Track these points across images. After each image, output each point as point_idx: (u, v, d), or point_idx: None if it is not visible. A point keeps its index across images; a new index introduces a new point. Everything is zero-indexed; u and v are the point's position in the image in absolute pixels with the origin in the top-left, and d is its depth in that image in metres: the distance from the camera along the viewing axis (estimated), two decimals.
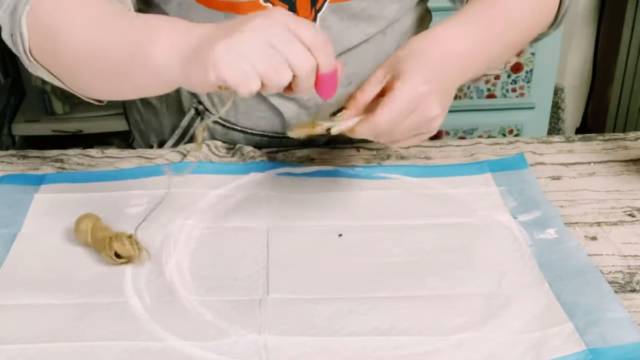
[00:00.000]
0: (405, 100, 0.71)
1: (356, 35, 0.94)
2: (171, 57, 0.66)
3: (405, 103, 0.71)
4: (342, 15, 0.91)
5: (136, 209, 0.84)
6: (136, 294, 0.71)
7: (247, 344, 0.65)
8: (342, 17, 0.91)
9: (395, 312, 0.68)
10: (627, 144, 0.98)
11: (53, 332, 0.67)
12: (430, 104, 0.72)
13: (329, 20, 0.90)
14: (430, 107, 0.72)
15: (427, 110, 0.72)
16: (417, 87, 0.71)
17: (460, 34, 0.78)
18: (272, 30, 0.63)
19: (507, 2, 0.85)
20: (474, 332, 0.66)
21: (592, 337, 0.65)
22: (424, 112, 0.72)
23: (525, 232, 0.80)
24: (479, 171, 0.90)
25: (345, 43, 0.93)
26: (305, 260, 0.76)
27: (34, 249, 0.78)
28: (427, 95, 0.71)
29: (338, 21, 0.91)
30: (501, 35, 0.83)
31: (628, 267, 0.75)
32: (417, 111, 0.72)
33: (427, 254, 0.77)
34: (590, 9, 2.40)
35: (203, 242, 0.79)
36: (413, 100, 0.71)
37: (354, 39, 0.94)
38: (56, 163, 0.94)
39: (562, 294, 0.70)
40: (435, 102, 0.72)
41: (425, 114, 0.72)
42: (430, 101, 0.72)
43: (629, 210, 0.84)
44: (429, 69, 0.73)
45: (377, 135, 0.73)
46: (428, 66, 0.73)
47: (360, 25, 0.93)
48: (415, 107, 0.71)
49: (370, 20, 0.93)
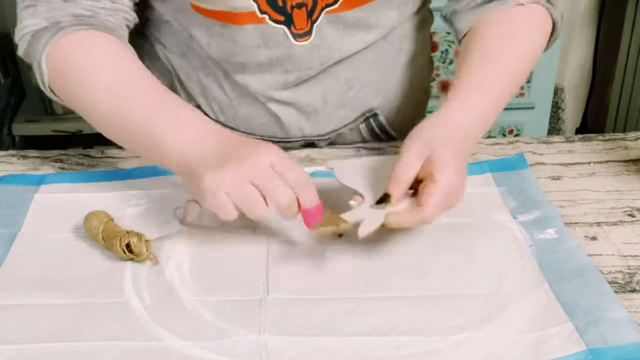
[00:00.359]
0: (446, 191, 0.73)
1: (354, 44, 0.94)
2: (179, 165, 0.76)
3: (446, 194, 0.74)
4: (338, 26, 0.91)
5: (136, 209, 0.84)
6: (136, 294, 0.71)
7: (247, 344, 0.65)
8: (339, 27, 0.91)
9: (395, 312, 0.68)
10: (627, 144, 0.98)
11: (53, 332, 0.67)
12: (462, 189, 0.76)
13: (325, 30, 0.90)
14: (461, 191, 0.76)
15: (459, 195, 0.76)
16: (454, 177, 0.74)
17: (473, 115, 0.82)
18: (255, 169, 0.71)
19: (506, 57, 0.87)
20: (474, 332, 0.66)
21: (592, 337, 0.65)
22: (457, 197, 0.76)
23: (525, 232, 0.80)
24: (479, 171, 0.90)
25: (343, 52, 0.94)
26: (306, 260, 0.76)
27: (34, 249, 0.78)
28: (461, 183, 0.76)
29: (335, 31, 0.91)
30: (505, 96, 0.86)
31: (628, 267, 0.75)
32: (453, 197, 0.75)
33: (427, 254, 0.77)
34: (590, 9, 2.40)
35: (203, 242, 0.79)
36: (452, 190, 0.74)
37: (352, 47, 0.94)
38: (56, 163, 0.94)
39: (562, 294, 0.70)
40: (463, 188, 0.76)
41: (458, 198, 0.76)
42: (462, 187, 0.76)
43: (629, 210, 0.84)
44: (458, 156, 0.76)
45: (423, 224, 0.75)
46: (457, 153, 0.76)
47: (358, 34, 0.93)
48: (452, 194, 0.75)
49: (368, 29, 0.94)
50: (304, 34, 0.90)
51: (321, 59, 0.92)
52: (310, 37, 0.90)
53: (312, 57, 0.92)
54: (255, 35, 0.89)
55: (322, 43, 0.91)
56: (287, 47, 0.90)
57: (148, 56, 0.99)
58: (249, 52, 0.91)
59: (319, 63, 0.93)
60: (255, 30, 0.88)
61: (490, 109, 0.84)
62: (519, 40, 0.89)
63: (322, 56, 0.92)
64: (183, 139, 0.76)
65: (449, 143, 0.76)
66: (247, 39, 0.89)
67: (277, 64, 0.92)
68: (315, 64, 0.93)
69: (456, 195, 0.75)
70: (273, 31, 0.89)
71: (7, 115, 2.27)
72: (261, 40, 0.90)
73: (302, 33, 0.90)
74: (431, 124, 0.79)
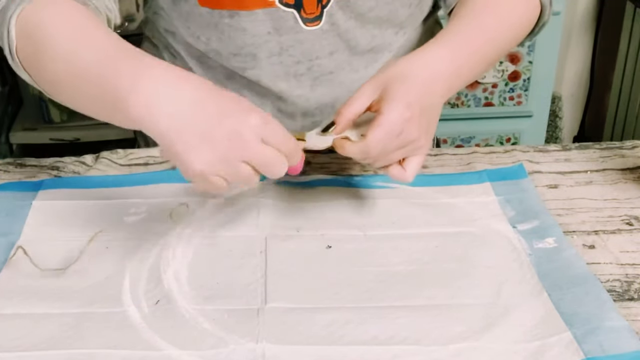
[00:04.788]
0: (392, 124, 0.74)
1: (363, 37, 0.94)
2: (146, 129, 0.67)
3: (392, 127, 0.74)
4: (349, 14, 0.92)
5: (135, 217, 0.84)
6: (134, 303, 0.71)
7: (245, 353, 0.65)
8: (350, 15, 0.92)
9: (393, 322, 0.68)
10: (624, 153, 0.98)
11: (51, 340, 0.66)
12: (411, 129, 0.75)
13: (335, 17, 0.91)
14: (410, 131, 0.75)
15: (409, 134, 0.75)
16: (402, 112, 0.74)
17: (445, 56, 0.81)
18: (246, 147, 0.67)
19: (488, 19, 0.88)
20: (473, 341, 0.66)
21: (590, 346, 0.65)
22: (406, 135, 0.75)
23: (524, 241, 0.80)
24: (477, 180, 0.91)
25: (352, 43, 0.94)
26: (304, 269, 0.76)
27: (32, 257, 0.77)
28: (409, 120, 0.75)
29: (346, 20, 0.92)
30: (484, 52, 0.86)
31: (626, 276, 0.75)
32: (402, 135, 0.75)
33: (426, 263, 0.77)
34: (587, 18, 2.41)
35: (201, 251, 0.79)
36: (398, 124, 0.74)
37: (362, 40, 0.94)
38: (52, 171, 0.94)
39: (561, 303, 0.70)
40: (415, 127, 0.76)
41: (407, 137, 0.76)
42: (411, 126, 0.75)
43: (626, 218, 0.84)
44: (414, 93, 0.76)
45: (366, 157, 0.76)
46: (413, 90, 0.76)
47: (367, 27, 0.94)
48: (400, 131, 0.75)
49: (378, 23, 0.94)
50: (314, 18, 0.90)
51: (330, 46, 0.93)
52: (320, 22, 0.91)
53: (322, 44, 0.93)
54: (265, 20, 0.90)
55: (332, 29, 0.92)
56: (297, 33, 0.91)
57: None
58: (259, 40, 0.91)
59: (328, 52, 0.93)
60: (265, 15, 0.89)
61: (465, 59, 0.83)
62: (503, 6, 0.89)
63: (330, 44, 0.93)
64: (146, 84, 0.67)
65: (407, 80, 0.76)
66: (257, 25, 0.90)
67: (287, 53, 0.93)
68: (324, 52, 0.93)
69: (408, 135, 0.75)
70: (283, 15, 0.90)
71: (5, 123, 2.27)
72: (271, 25, 0.90)
73: (312, 18, 0.90)
74: (397, 62, 0.79)
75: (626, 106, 2.34)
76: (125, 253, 0.78)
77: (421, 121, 0.76)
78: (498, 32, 0.89)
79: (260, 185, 0.89)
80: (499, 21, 0.89)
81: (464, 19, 0.86)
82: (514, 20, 0.91)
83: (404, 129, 0.75)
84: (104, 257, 0.77)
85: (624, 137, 2.34)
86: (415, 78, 0.77)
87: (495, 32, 0.88)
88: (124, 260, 0.77)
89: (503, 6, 0.90)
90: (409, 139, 0.76)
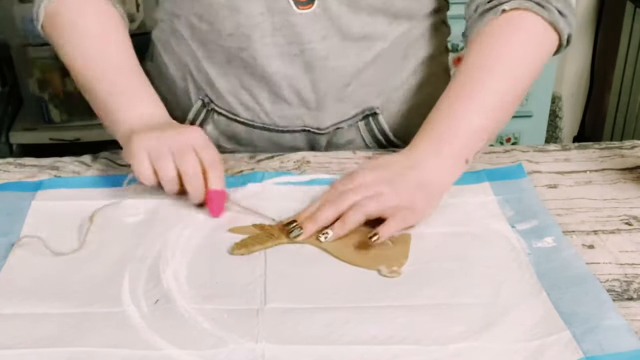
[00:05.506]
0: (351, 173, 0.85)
1: (355, 24, 0.95)
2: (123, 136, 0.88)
3: (351, 174, 0.85)
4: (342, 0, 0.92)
5: (134, 217, 0.84)
6: (133, 303, 0.71)
7: (244, 353, 0.65)
8: (342, 1, 0.92)
9: (393, 321, 0.68)
10: (623, 152, 0.98)
11: (51, 338, 0.66)
12: (379, 185, 0.82)
13: (328, 1, 0.92)
14: (378, 186, 0.82)
15: (374, 188, 0.82)
16: (367, 175, 0.84)
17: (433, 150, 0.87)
18: (176, 140, 0.83)
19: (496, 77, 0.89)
20: (472, 341, 0.66)
21: (589, 345, 0.65)
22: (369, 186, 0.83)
23: (523, 240, 0.80)
24: (477, 180, 0.91)
25: (344, 29, 0.95)
26: (303, 269, 0.76)
27: (32, 257, 0.78)
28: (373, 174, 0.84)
29: (338, 5, 0.93)
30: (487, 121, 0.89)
31: (625, 276, 0.75)
32: (364, 185, 0.83)
33: (425, 263, 0.77)
34: (587, 18, 2.41)
35: (200, 251, 0.79)
36: (357, 173, 0.85)
37: (354, 27, 0.95)
38: (52, 171, 0.94)
39: (560, 303, 0.70)
40: (384, 185, 0.82)
41: (369, 187, 0.82)
42: (379, 182, 0.83)
43: (625, 218, 0.84)
44: (387, 160, 0.88)
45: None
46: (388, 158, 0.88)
47: (360, 14, 0.94)
48: (357, 178, 0.84)
49: (371, 11, 0.94)
50: (306, 1, 0.92)
51: (322, 31, 0.94)
52: (312, 5, 0.92)
53: (314, 27, 0.93)
54: (259, 1, 0.91)
55: (324, 14, 0.93)
56: (289, 15, 0.92)
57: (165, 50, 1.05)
58: (252, 20, 0.93)
59: (320, 36, 0.94)
60: None
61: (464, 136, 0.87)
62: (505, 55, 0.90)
63: (322, 28, 0.93)
64: (132, 115, 0.89)
65: None
66: (251, 4, 0.92)
67: (280, 33, 0.94)
68: (316, 36, 0.94)
69: (373, 187, 0.81)
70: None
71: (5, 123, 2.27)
72: (264, 6, 0.92)
73: (304, 1, 0.91)
74: None
75: (626, 106, 2.34)
76: (124, 253, 0.78)
77: (398, 186, 0.81)
78: (509, 89, 0.89)
79: (260, 187, 0.89)
80: (509, 76, 0.89)
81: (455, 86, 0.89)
82: (526, 67, 0.91)
83: (366, 180, 0.82)
84: (103, 257, 0.78)
85: (624, 137, 2.34)
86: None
87: (506, 91, 0.89)
88: (124, 260, 0.77)
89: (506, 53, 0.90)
90: (374, 191, 0.80)
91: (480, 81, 0.88)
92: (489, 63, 0.89)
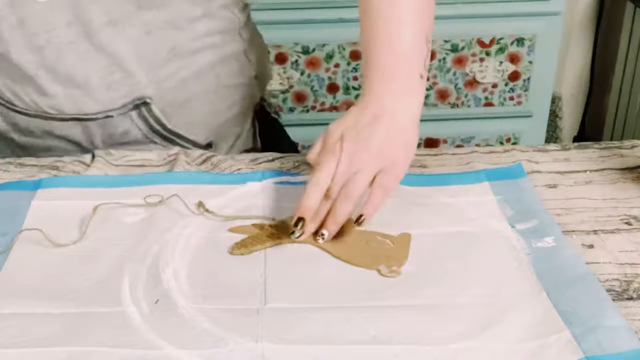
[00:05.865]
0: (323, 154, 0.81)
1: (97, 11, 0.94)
2: None
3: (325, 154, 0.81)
4: None
5: (134, 217, 0.84)
6: (133, 303, 0.71)
7: (244, 353, 0.65)
8: None
9: (393, 321, 0.68)
10: (623, 152, 0.98)
11: (50, 338, 0.66)
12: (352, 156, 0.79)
13: None
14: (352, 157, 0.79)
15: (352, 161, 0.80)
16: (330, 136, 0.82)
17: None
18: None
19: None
20: (472, 341, 0.66)
21: (589, 345, 0.65)
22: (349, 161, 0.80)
23: (523, 240, 0.80)
24: (476, 180, 0.91)
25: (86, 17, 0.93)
26: (303, 269, 0.76)
27: (32, 257, 0.78)
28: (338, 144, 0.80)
29: None
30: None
31: (625, 275, 0.75)
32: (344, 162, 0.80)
33: (425, 263, 0.77)
34: (587, 18, 2.41)
35: (200, 250, 0.79)
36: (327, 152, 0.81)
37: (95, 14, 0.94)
38: (52, 171, 0.94)
39: (559, 302, 0.70)
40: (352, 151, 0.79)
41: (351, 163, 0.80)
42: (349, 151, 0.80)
43: (625, 218, 0.84)
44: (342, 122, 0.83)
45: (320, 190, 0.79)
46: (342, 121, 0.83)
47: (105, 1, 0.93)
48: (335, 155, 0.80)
49: None
50: None
51: (65, 18, 0.93)
52: None
53: (55, 16, 0.92)
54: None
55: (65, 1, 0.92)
56: (31, 5, 0.91)
57: None
58: None
59: (65, 22, 0.93)
60: None
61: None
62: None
63: (64, 16, 0.93)
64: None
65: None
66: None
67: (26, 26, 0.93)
68: (59, 24, 0.93)
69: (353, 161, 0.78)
70: None
71: None
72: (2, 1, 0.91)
73: None
74: None
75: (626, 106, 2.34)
76: (124, 253, 0.78)
77: (361, 147, 0.78)
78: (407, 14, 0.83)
79: (260, 186, 0.90)
80: None
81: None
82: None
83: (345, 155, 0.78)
84: (103, 257, 0.78)
85: (624, 137, 2.34)
86: None
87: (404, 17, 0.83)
88: (123, 259, 0.77)
89: None
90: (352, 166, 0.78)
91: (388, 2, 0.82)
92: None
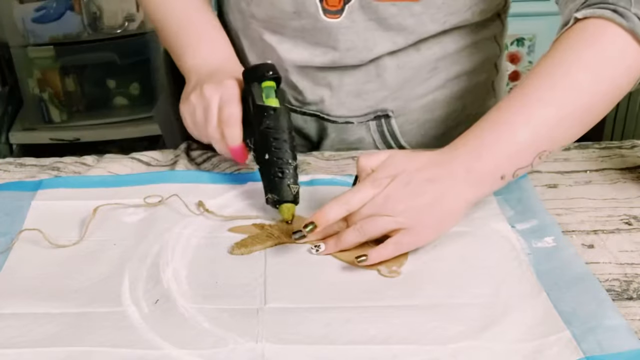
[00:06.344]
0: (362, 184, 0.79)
1: (381, 43, 0.95)
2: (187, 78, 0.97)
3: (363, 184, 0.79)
4: (370, 15, 0.92)
5: (134, 217, 0.84)
6: (133, 303, 0.71)
7: (244, 352, 0.65)
8: (371, 16, 0.92)
9: (392, 321, 0.68)
10: (623, 152, 0.98)
11: (50, 338, 0.66)
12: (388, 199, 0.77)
13: (356, 15, 0.92)
14: (385, 201, 0.77)
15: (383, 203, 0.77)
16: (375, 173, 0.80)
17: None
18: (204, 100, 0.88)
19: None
20: (472, 341, 0.66)
21: (589, 345, 0.65)
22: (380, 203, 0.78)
23: (523, 240, 0.80)
24: None
25: (369, 43, 0.94)
26: (303, 269, 0.76)
27: (32, 257, 0.78)
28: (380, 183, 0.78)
29: (366, 20, 0.93)
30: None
31: (625, 275, 0.75)
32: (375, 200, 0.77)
33: (425, 263, 0.77)
34: None
35: (200, 250, 0.79)
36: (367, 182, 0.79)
37: (379, 46, 0.95)
38: (52, 171, 0.94)
39: (559, 302, 0.70)
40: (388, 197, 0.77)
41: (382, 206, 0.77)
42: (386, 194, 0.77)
43: (625, 218, 0.84)
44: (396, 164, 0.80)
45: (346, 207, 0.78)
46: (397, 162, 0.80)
47: (390, 33, 0.94)
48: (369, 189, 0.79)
49: (399, 30, 0.94)
50: (335, 11, 0.92)
51: (346, 43, 0.94)
52: (340, 16, 0.92)
53: (338, 38, 0.94)
54: (289, 1, 0.93)
55: (351, 28, 0.93)
56: (316, 21, 0.93)
57: None
58: (284, 16, 0.94)
59: (345, 48, 0.94)
60: None
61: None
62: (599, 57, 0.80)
63: (347, 40, 0.94)
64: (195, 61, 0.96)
65: None
66: (283, 3, 0.93)
67: (308, 35, 0.95)
68: (340, 47, 0.94)
69: (383, 203, 0.76)
70: (306, 1, 0.92)
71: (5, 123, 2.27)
72: (294, 7, 0.93)
73: (333, 10, 0.92)
74: None
75: (626, 106, 2.34)
76: (124, 253, 0.78)
77: (403, 197, 0.75)
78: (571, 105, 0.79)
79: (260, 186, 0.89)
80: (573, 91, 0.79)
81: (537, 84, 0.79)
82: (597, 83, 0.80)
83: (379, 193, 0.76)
84: (103, 256, 0.78)
85: (624, 137, 2.34)
86: None
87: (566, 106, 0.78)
88: (123, 260, 0.77)
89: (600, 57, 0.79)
90: (384, 208, 0.75)
91: (536, 93, 0.78)
92: (551, 77, 0.78)
